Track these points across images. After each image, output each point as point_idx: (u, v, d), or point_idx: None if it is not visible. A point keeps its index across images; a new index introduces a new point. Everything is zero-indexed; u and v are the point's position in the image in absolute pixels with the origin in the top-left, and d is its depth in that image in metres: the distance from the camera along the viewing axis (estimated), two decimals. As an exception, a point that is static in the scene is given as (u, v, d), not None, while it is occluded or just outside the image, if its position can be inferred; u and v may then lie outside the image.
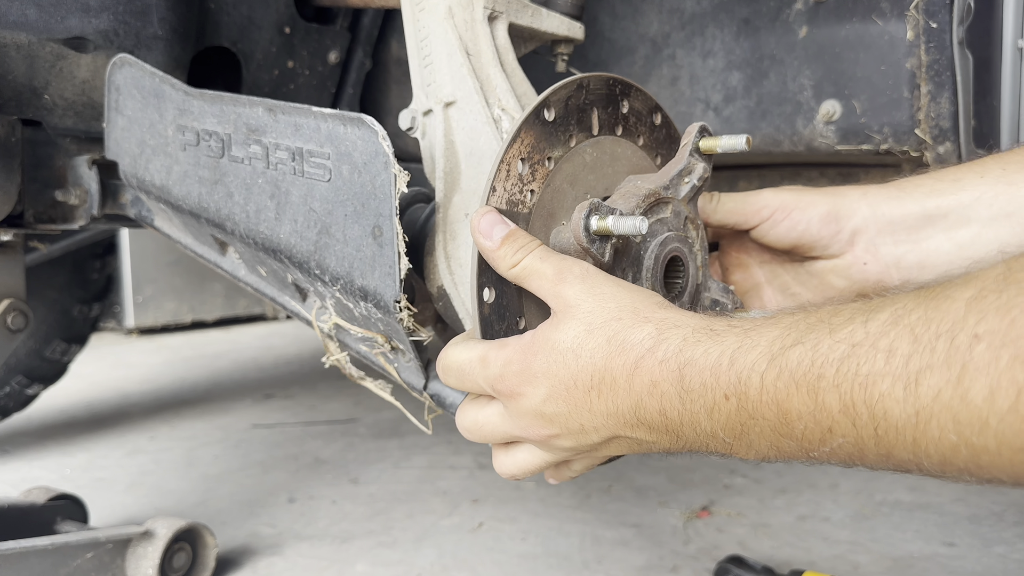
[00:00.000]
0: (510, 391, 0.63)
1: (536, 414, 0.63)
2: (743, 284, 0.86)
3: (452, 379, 0.69)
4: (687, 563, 1.47)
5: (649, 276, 0.71)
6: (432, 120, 0.89)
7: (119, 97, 1.06)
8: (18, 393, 2.34)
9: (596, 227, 0.65)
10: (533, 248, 0.65)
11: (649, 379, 0.57)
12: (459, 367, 0.67)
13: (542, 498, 1.82)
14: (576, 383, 0.60)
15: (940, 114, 1.05)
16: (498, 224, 0.65)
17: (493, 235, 0.65)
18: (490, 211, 0.66)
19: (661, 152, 0.81)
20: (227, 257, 1.06)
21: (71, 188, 1.21)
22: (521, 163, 0.68)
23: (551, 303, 0.64)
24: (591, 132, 0.73)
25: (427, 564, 1.49)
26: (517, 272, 0.65)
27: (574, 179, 0.72)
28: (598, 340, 0.60)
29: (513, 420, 0.65)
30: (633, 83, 0.77)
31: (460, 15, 0.88)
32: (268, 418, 2.64)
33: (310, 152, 0.80)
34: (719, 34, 1.22)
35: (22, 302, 1.26)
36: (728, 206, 0.79)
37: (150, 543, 1.32)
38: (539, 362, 0.62)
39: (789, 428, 0.51)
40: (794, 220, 0.77)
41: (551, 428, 0.63)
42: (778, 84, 1.17)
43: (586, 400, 0.60)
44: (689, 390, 0.56)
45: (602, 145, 0.75)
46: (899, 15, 1.07)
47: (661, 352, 0.57)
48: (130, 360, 3.79)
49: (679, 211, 0.74)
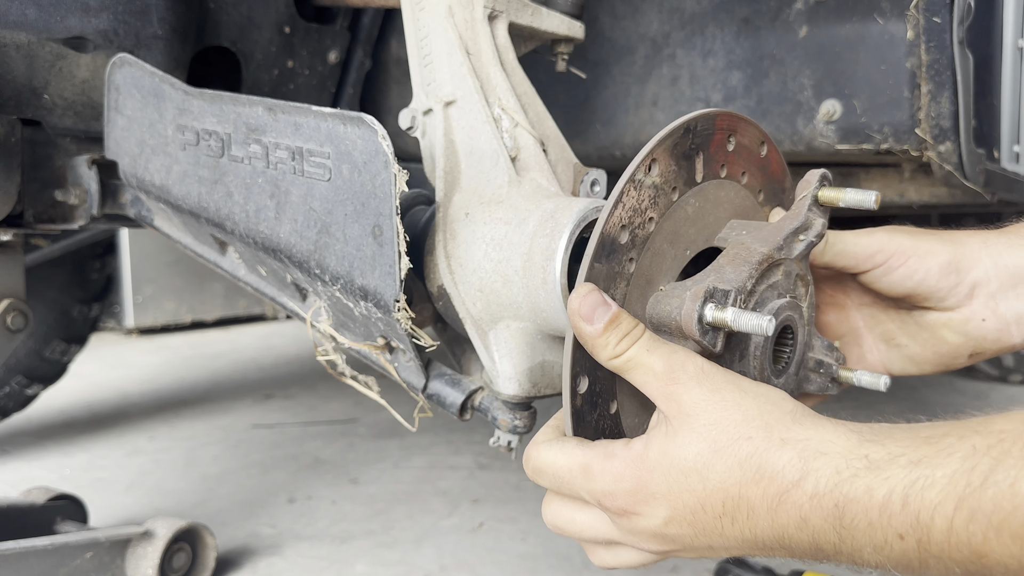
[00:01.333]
0: (621, 509, 0.58)
1: (655, 535, 0.58)
2: (838, 327, 0.79)
3: (546, 482, 0.63)
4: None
5: (758, 355, 0.64)
6: (432, 119, 0.88)
7: (119, 97, 1.06)
8: (18, 393, 2.34)
9: (712, 319, 0.59)
10: (639, 336, 0.59)
11: (798, 515, 0.52)
12: (555, 473, 0.61)
13: (542, 498, 1.82)
14: (704, 508, 0.55)
15: (940, 113, 1.05)
16: (601, 306, 0.58)
17: (595, 319, 0.58)
18: (592, 291, 0.59)
19: (765, 189, 0.74)
20: (227, 257, 1.06)
21: (71, 188, 1.21)
22: (622, 231, 0.60)
23: (660, 404, 0.58)
24: (695, 181, 0.65)
25: (427, 564, 1.49)
26: (620, 364, 0.59)
27: (675, 237, 0.65)
28: (728, 463, 0.54)
29: (624, 534, 0.60)
30: (742, 117, 0.69)
31: (460, 14, 0.88)
32: (268, 418, 2.64)
33: (310, 151, 0.79)
34: (719, 34, 1.22)
35: (22, 302, 1.25)
36: (837, 248, 0.72)
37: (150, 543, 1.32)
38: (657, 481, 0.56)
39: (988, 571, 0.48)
40: (911, 268, 0.70)
41: (672, 546, 0.59)
42: (778, 84, 1.17)
43: (716, 525, 0.55)
44: (851, 528, 0.51)
45: (705, 193, 0.67)
46: (899, 14, 1.06)
47: (810, 487, 0.52)
48: (130, 360, 3.79)
49: (790, 271, 0.67)
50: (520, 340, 0.78)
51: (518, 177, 0.81)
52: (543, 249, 0.72)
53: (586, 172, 0.88)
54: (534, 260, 0.73)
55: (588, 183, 0.88)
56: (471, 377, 0.86)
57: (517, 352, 0.79)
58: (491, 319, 0.79)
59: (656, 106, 1.29)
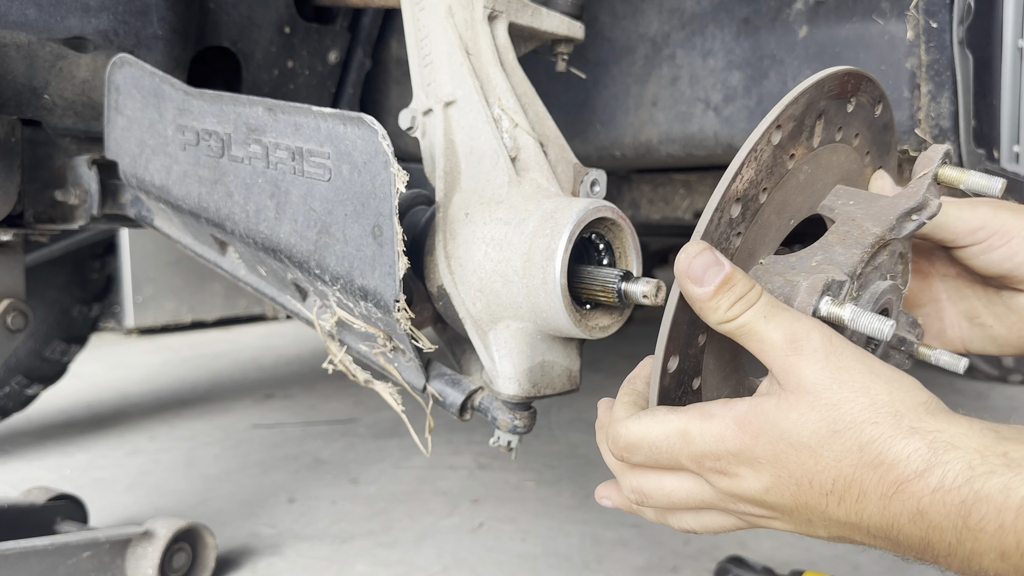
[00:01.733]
0: (723, 470, 0.55)
1: (753, 500, 0.55)
2: (919, 296, 0.75)
3: (640, 456, 0.59)
4: (687, 563, 1.47)
5: (852, 338, 0.61)
6: (432, 119, 0.89)
7: (119, 97, 1.06)
8: (18, 393, 2.34)
9: (827, 314, 0.56)
10: (754, 300, 0.54)
11: (915, 507, 0.49)
12: (652, 444, 0.58)
13: (542, 498, 1.82)
14: (811, 484, 0.52)
15: (940, 114, 1.05)
16: (713, 267, 0.54)
17: (706, 280, 0.54)
18: (705, 249, 0.55)
19: (873, 150, 0.70)
20: (227, 257, 1.06)
21: (71, 188, 1.21)
22: (735, 204, 0.57)
23: (777, 374, 0.54)
24: (812, 147, 0.61)
25: (427, 564, 1.49)
26: (731, 329, 0.55)
27: (783, 207, 0.61)
28: (846, 445, 0.51)
29: (719, 496, 0.57)
30: (866, 74, 0.63)
31: (460, 15, 0.88)
32: (268, 418, 2.64)
33: (310, 152, 0.80)
34: (719, 34, 1.22)
35: (22, 302, 1.25)
36: (938, 220, 0.68)
37: (150, 543, 1.32)
38: (762, 447, 0.53)
39: None
40: (1013, 250, 0.66)
41: (768, 514, 0.56)
42: (778, 84, 1.17)
43: (820, 503, 0.52)
44: (975, 529, 0.47)
45: (819, 158, 0.63)
46: (899, 15, 1.07)
47: (935, 479, 0.48)
48: (130, 360, 3.79)
49: (895, 250, 0.64)
50: (520, 340, 0.78)
51: (518, 177, 0.82)
52: (543, 249, 0.72)
53: (586, 172, 0.88)
54: (534, 260, 0.73)
55: (588, 183, 0.88)
56: (471, 377, 0.86)
57: (517, 352, 0.79)
58: (491, 319, 0.79)
59: (656, 106, 1.29)
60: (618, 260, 0.78)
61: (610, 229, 0.77)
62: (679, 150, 1.29)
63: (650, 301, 0.69)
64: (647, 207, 1.71)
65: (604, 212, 0.74)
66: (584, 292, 0.74)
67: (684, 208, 1.66)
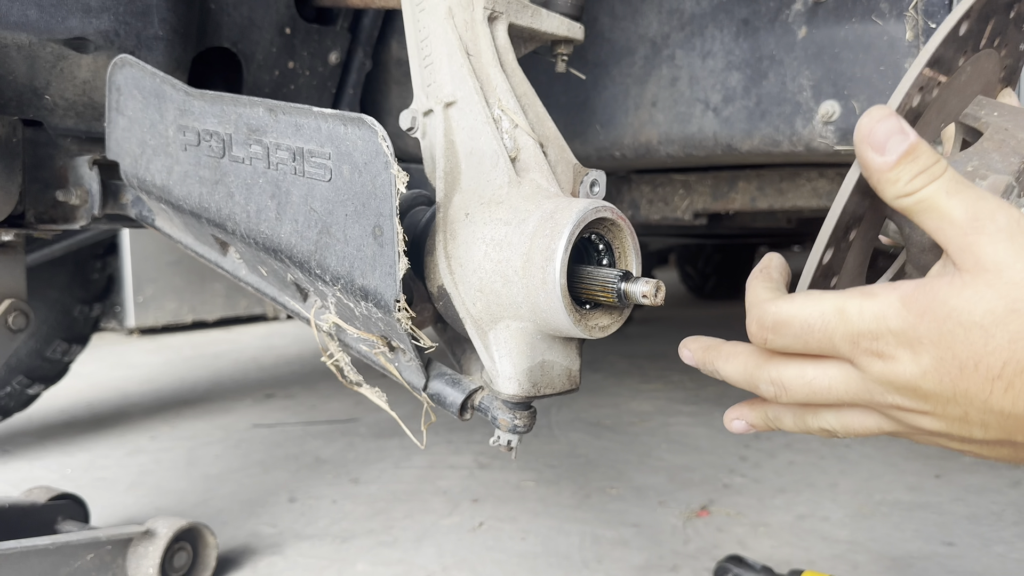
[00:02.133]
0: (877, 351, 0.51)
1: (907, 388, 0.51)
2: None
3: (788, 337, 0.54)
4: (687, 562, 1.47)
5: None
6: (432, 120, 0.89)
7: (120, 97, 1.06)
8: (19, 393, 2.35)
9: None
10: (939, 174, 0.50)
11: None
12: (804, 322, 0.53)
13: (542, 497, 1.83)
14: (977, 367, 0.48)
15: (939, 114, 1.05)
16: (897, 135, 0.50)
17: (888, 149, 0.49)
18: (890, 115, 0.50)
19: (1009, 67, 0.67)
20: (228, 257, 1.07)
21: (72, 188, 1.22)
22: (919, 93, 0.54)
23: (953, 254, 0.50)
24: (977, 47, 0.59)
25: (427, 563, 1.49)
26: (909, 204, 0.50)
27: (942, 107, 0.59)
28: None
29: (867, 385, 0.53)
30: None
31: (460, 15, 0.88)
32: (269, 418, 2.64)
33: (311, 152, 0.80)
34: (718, 35, 1.23)
35: (23, 302, 1.26)
36: None
37: (151, 542, 1.32)
38: (927, 326, 0.49)
39: None
40: None
41: (922, 406, 0.51)
42: (777, 84, 1.17)
43: (984, 389, 0.48)
44: None
45: (979, 62, 0.60)
46: (898, 15, 1.07)
47: None
48: (131, 360, 3.79)
49: None
50: (520, 340, 0.79)
51: (518, 178, 0.82)
52: (543, 249, 0.73)
53: (586, 173, 0.88)
54: (534, 260, 0.73)
55: (588, 184, 0.88)
56: (471, 377, 0.86)
57: (517, 352, 0.79)
58: (491, 319, 0.79)
59: (655, 107, 1.30)
60: (618, 260, 0.78)
61: (610, 229, 0.77)
62: (678, 150, 1.29)
63: (649, 301, 0.69)
64: (647, 207, 1.71)
65: (604, 212, 0.75)
66: (584, 292, 0.74)
67: (683, 208, 1.66)
